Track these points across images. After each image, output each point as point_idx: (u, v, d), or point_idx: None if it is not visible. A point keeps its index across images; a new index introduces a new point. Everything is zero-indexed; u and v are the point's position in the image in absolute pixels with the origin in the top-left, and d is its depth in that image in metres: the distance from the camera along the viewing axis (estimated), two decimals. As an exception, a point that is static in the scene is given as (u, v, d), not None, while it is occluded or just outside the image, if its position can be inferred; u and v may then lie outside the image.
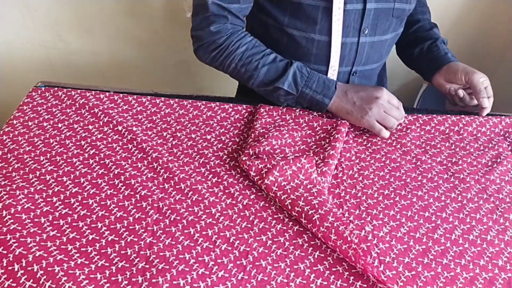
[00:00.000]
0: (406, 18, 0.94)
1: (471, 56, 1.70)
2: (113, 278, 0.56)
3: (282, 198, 0.67)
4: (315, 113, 0.85)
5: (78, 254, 0.58)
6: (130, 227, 0.63)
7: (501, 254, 0.64)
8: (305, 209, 0.64)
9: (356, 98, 0.81)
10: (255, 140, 0.76)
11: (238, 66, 0.83)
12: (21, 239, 0.58)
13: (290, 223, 0.66)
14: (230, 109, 0.86)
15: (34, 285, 0.54)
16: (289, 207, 0.66)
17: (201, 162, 0.75)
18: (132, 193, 0.68)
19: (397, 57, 1.77)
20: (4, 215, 0.61)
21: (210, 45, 0.82)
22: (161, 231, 0.63)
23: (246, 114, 0.85)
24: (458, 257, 0.63)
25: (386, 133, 0.81)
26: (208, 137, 0.80)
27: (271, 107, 0.85)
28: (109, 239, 0.61)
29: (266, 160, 0.71)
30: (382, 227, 0.66)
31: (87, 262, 0.57)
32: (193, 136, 0.80)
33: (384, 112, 0.80)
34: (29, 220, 0.62)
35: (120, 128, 0.78)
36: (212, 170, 0.73)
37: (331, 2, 0.78)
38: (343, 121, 0.81)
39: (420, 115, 0.88)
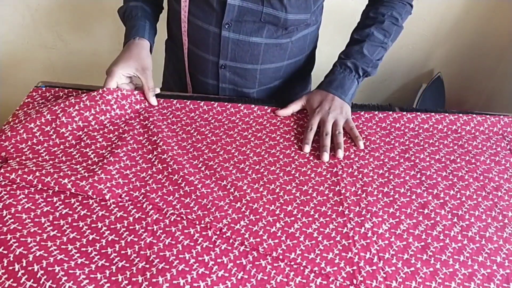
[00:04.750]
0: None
1: (471, 56, 1.70)
2: (113, 278, 0.56)
3: None
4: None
5: (78, 254, 0.58)
6: (130, 227, 0.63)
7: (500, 250, 0.64)
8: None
9: None
10: None
11: None
12: (21, 239, 0.59)
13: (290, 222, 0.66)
14: (231, 109, 0.86)
15: (35, 285, 0.54)
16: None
17: (200, 160, 0.75)
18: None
19: (396, 58, 1.77)
20: (4, 214, 0.62)
21: None
22: (161, 231, 0.63)
23: (246, 113, 0.86)
24: (457, 254, 0.63)
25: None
26: (206, 132, 0.80)
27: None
28: (109, 239, 0.61)
29: None
30: (382, 224, 0.67)
31: (87, 262, 0.57)
32: (192, 134, 0.80)
33: None
34: (30, 220, 0.62)
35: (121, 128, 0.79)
36: (213, 170, 0.74)
37: None
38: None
39: (418, 113, 0.88)
